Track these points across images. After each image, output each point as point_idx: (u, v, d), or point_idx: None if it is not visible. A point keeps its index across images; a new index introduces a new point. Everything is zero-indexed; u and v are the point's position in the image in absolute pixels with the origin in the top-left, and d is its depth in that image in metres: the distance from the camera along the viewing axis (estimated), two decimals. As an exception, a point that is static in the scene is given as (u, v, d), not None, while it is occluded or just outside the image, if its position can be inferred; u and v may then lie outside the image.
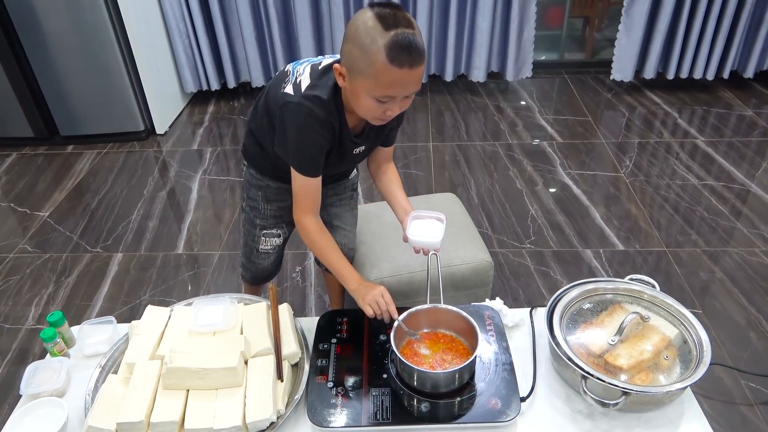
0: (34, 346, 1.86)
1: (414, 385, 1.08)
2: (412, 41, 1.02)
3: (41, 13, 2.71)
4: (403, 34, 1.01)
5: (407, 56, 1.02)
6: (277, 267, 1.66)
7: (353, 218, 1.59)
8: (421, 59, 1.05)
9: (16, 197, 2.67)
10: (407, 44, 1.01)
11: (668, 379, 1.04)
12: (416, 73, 1.06)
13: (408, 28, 1.02)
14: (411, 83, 1.07)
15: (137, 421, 1.02)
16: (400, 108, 1.13)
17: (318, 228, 1.27)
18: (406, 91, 1.09)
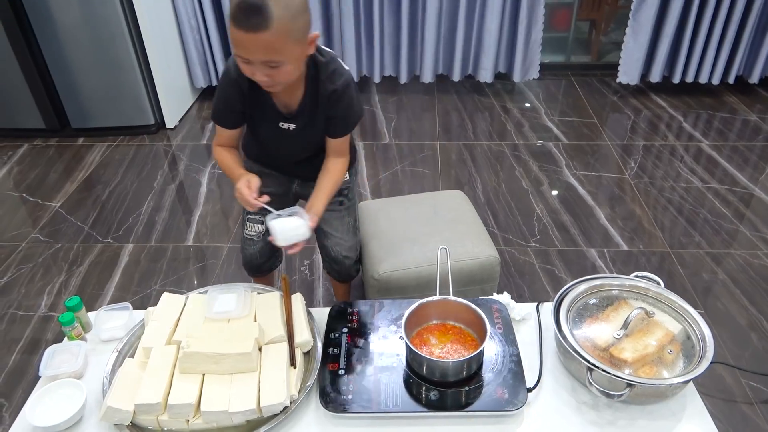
0: (47, 333, 1.90)
1: (423, 374, 1.11)
2: (252, 5, 1.02)
3: (55, 7, 2.75)
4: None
5: (244, 18, 1.04)
6: (268, 259, 1.66)
7: (345, 225, 1.57)
8: (259, 25, 1.04)
9: (27, 187, 2.71)
10: (246, 6, 1.03)
11: (671, 373, 1.07)
12: (256, 38, 1.05)
13: None
14: (253, 48, 1.08)
15: (155, 402, 1.05)
16: (267, 77, 1.13)
17: (219, 150, 1.40)
18: (250, 55, 1.09)
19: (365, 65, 3.52)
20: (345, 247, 1.57)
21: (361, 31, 3.37)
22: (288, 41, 1.09)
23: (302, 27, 1.12)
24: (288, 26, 1.07)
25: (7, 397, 1.68)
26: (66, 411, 1.08)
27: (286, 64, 1.13)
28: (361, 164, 2.83)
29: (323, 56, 1.27)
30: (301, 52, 1.16)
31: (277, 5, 1.04)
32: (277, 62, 1.12)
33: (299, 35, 1.12)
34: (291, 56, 1.13)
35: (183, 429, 1.07)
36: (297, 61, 1.16)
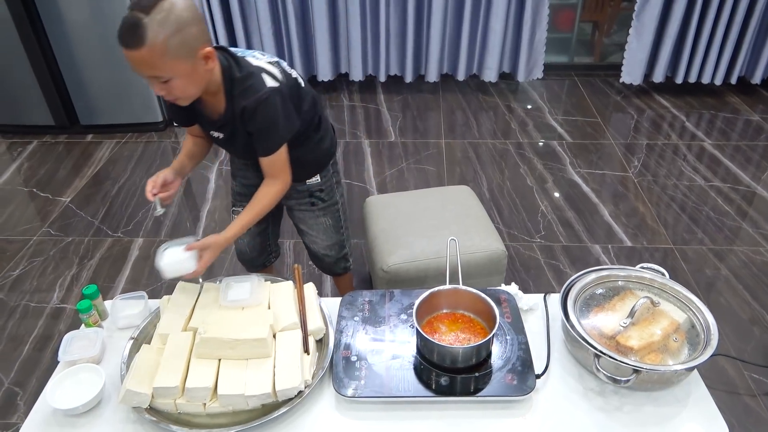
0: (59, 324, 1.93)
1: (434, 360, 1.13)
2: (129, 24, 1.05)
3: (66, 6, 2.78)
4: (129, 15, 1.06)
5: (122, 37, 1.07)
6: (260, 254, 1.69)
7: (320, 225, 1.58)
8: (135, 43, 1.05)
9: (38, 183, 2.74)
10: (123, 25, 1.06)
11: (676, 361, 1.10)
12: (134, 55, 1.07)
13: (141, 12, 1.05)
14: (135, 65, 1.10)
15: (173, 386, 1.07)
16: (162, 91, 1.16)
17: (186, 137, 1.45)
18: (137, 71, 1.11)
19: (371, 64, 3.56)
20: (322, 246, 1.61)
21: (368, 31, 3.40)
22: (166, 58, 1.09)
23: (183, 43, 1.10)
24: (164, 43, 1.07)
25: (21, 386, 1.71)
26: (85, 394, 1.10)
27: (175, 80, 1.13)
28: (367, 161, 2.86)
29: (240, 71, 1.24)
30: (189, 67, 1.14)
31: (153, 22, 1.05)
32: (162, 78, 1.12)
33: (180, 52, 1.10)
34: (176, 72, 1.13)
35: (199, 412, 1.10)
36: (188, 76, 1.15)
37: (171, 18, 1.07)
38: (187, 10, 1.11)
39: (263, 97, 1.24)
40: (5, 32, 2.84)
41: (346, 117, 3.32)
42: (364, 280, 2.09)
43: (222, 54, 1.25)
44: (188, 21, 1.10)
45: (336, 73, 3.61)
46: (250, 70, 1.25)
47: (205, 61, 1.16)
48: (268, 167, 1.35)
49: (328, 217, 1.59)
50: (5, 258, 2.24)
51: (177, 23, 1.08)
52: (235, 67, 1.24)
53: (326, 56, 3.47)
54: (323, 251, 1.62)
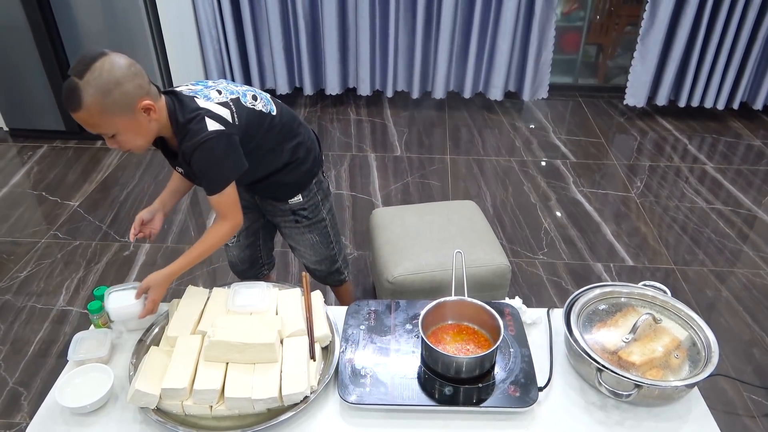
0: (65, 326, 1.94)
1: (439, 370, 1.15)
2: (67, 89, 1.12)
3: (83, 14, 2.85)
4: (68, 80, 1.12)
5: (64, 100, 1.14)
6: (251, 266, 1.73)
7: (306, 241, 1.62)
8: (73, 106, 1.12)
9: (47, 187, 2.77)
10: (64, 89, 1.13)
11: (677, 377, 1.11)
12: (76, 116, 1.15)
13: (76, 77, 1.11)
14: (80, 122, 1.17)
15: (181, 387, 1.09)
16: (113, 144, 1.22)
17: None
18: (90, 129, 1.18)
19: (379, 80, 3.61)
20: (311, 261, 1.66)
21: (376, 47, 3.46)
22: (104, 116, 1.15)
23: (118, 101, 1.15)
24: (100, 104, 1.13)
25: (26, 386, 1.72)
26: (93, 394, 1.12)
27: (119, 135, 1.20)
28: (373, 175, 2.89)
29: (184, 115, 1.26)
30: (130, 121, 1.18)
31: (86, 86, 1.11)
32: (107, 134, 1.19)
33: (117, 109, 1.15)
34: (118, 128, 1.18)
35: (206, 415, 1.11)
36: (132, 130, 1.20)
37: (103, 79, 1.12)
38: (120, 68, 1.15)
39: (201, 141, 1.24)
40: (21, 39, 2.90)
41: (353, 131, 3.37)
42: (369, 291, 2.11)
43: (170, 98, 1.28)
44: (121, 79, 1.14)
45: (344, 87, 3.67)
46: (192, 115, 1.26)
47: (146, 113, 1.20)
48: (216, 206, 1.35)
49: (314, 233, 1.60)
50: (13, 260, 2.27)
51: (109, 83, 1.13)
52: (180, 112, 1.26)
53: (335, 71, 3.52)
54: (313, 266, 1.68)
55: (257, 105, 1.38)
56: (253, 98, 1.38)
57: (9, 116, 3.21)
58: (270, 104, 1.42)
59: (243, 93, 1.37)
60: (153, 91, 1.23)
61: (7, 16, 2.85)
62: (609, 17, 4.10)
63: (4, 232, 2.44)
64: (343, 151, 3.13)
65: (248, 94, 1.38)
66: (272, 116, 1.40)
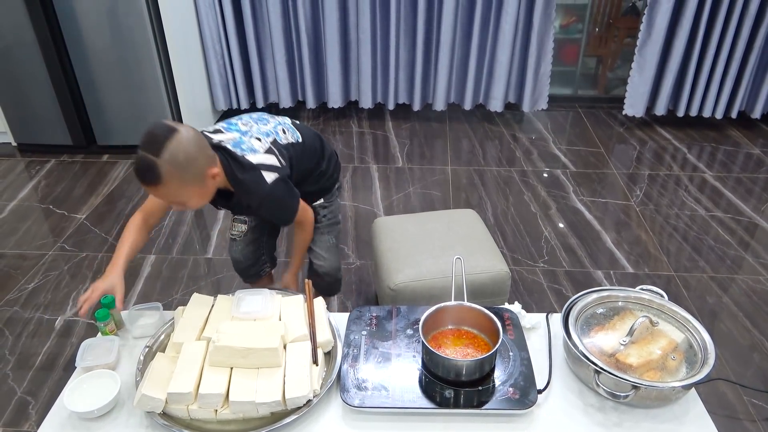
0: (72, 336, 1.97)
1: (439, 374, 1.17)
2: (144, 166, 1.17)
3: (90, 30, 2.91)
4: (139, 157, 1.18)
5: (139, 176, 1.20)
6: (254, 263, 1.78)
7: (324, 243, 1.70)
8: (152, 182, 1.19)
9: (54, 200, 2.82)
10: (139, 167, 1.19)
11: (674, 379, 1.13)
12: (153, 191, 1.23)
13: (150, 154, 1.16)
14: (157, 194, 1.25)
15: (186, 392, 1.11)
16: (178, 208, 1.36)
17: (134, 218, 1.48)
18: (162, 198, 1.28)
19: (380, 92, 3.66)
20: (325, 264, 1.70)
21: (378, 61, 3.52)
22: (182, 188, 1.24)
23: (195, 172, 1.24)
24: (179, 177, 1.21)
25: (33, 395, 1.74)
26: (101, 399, 1.14)
27: (190, 201, 1.29)
28: (375, 186, 2.93)
29: (242, 172, 1.37)
30: (200, 189, 1.29)
31: (165, 163, 1.17)
32: (179, 202, 1.28)
33: (193, 180, 1.25)
34: (191, 196, 1.28)
35: (211, 419, 1.13)
36: (199, 195, 1.31)
37: (180, 156, 1.19)
38: (193, 143, 1.22)
39: (265, 194, 1.39)
40: (31, 55, 2.97)
41: (355, 143, 3.41)
42: (371, 299, 2.13)
43: (223, 156, 1.36)
44: (194, 154, 1.23)
45: (346, 100, 3.72)
46: (249, 174, 1.38)
47: (213, 178, 1.30)
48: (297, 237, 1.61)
49: (332, 235, 1.70)
50: (21, 272, 2.30)
51: (185, 160, 1.20)
52: (237, 170, 1.37)
53: (337, 84, 3.58)
54: (325, 269, 1.71)
55: (288, 138, 1.52)
56: (283, 132, 1.51)
57: (17, 131, 3.27)
58: (295, 132, 1.55)
59: (274, 131, 1.49)
60: (214, 156, 1.33)
61: (16, 33, 2.92)
62: (608, 29, 4.15)
63: (13, 244, 2.48)
64: (346, 162, 3.17)
65: (278, 130, 1.50)
66: (301, 143, 1.53)
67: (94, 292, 1.30)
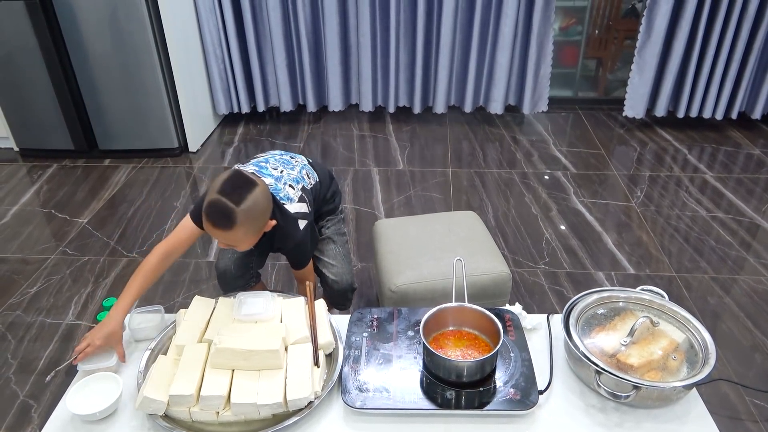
0: (74, 340, 1.97)
1: (440, 375, 1.17)
2: (221, 211, 1.26)
3: (92, 35, 2.93)
4: (222, 202, 1.25)
5: (213, 217, 1.27)
6: (243, 274, 1.72)
7: (331, 251, 1.72)
8: (225, 227, 1.27)
9: (56, 204, 2.82)
10: (217, 209, 1.26)
11: (675, 379, 1.13)
12: (219, 232, 1.29)
13: (232, 202, 1.25)
14: (220, 236, 1.31)
15: (188, 394, 1.12)
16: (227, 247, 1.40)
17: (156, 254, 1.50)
18: (219, 239, 1.34)
19: (381, 96, 3.67)
20: (335, 271, 1.69)
21: (378, 64, 3.53)
22: (246, 235, 1.34)
23: (261, 224, 1.36)
24: (248, 228, 1.32)
25: (36, 399, 1.75)
26: (103, 402, 1.15)
27: (242, 245, 1.39)
28: (376, 188, 2.93)
29: (284, 221, 1.47)
30: (256, 237, 1.39)
31: (242, 213, 1.26)
32: (233, 245, 1.37)
33: (256, 230, 1.36)
34: (247, 242, 1.38)
35: (212, 421, 1.14)
36: (252, 242, 1.40)
37: (255, 210, 1.31)
38: (266, 198, 1.35)
39: (298, 240, 1.53)
40: (32, 60, 2.98)
41: (356, 146, 3.42)
42: (373, 301, 2.13)
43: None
44: (265, 210, 1.35)
45: (347, 103, 3.73)
46: (290, 222, 1.50)
47: (268, 228, 1.41)
48: (300, 274, 1.68)
49: (338, 245, 1.74)
50: (23, 276, 2.31)
51: (258, 212, 1.33)
52: (280, 217, 1.46)
53: (338, 87, 3.59)
54: (335, 276, 1.69)
55: (311, 182, 1.63)
56: (307, 176, 1.62)
57: (19, 136, 3.29)
58: (312, 172, 1.66)
59: (301, 177, 1.60)
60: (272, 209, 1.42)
61: (18, 39, 2.93)
62: (607, 31, 4.16)
63: (15, 249, 2.49)
64: (346, 165, 3.17)
65: (304, 175, 1.61)
66: (318, 182, 1.66)
67: (90, 347, 1.25)
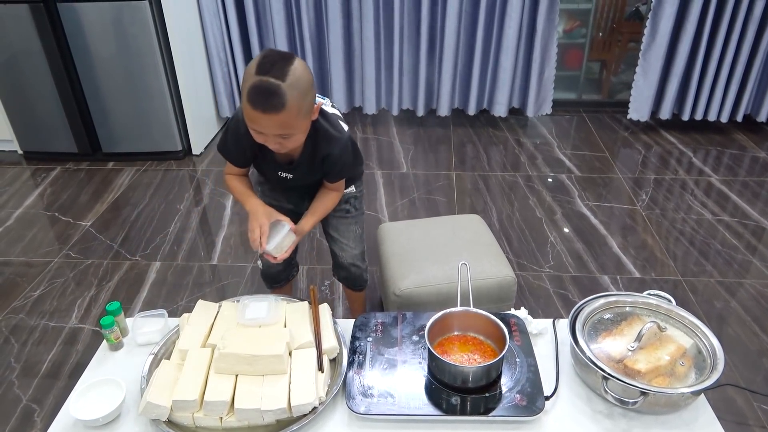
0: (77, 344, 1.97)
1: (445, 380, 1.16)
2: (268, 89, 1.12)
3: (96, 39, 2.93)
4: (265, 81, 1.12)
5: (261, 100, 1.13)
6: (285, 268, 1.76)
7: (351, 232, 1.67)
8: (275, 107, 1.14)
9: (60, 207, 2.83)
10: (262, 90, 1.13)
11: (683, 384, 1.12)
12: (272, 118, 1.16)
13: (276, 78, 1.12)
14: (269, 125, 1.18)
15: (192, 399, 1.11)
16: (280, 146, 1.26)
17: (231, 178, 1.50)
18: (265, 130, 1.20)
19: (384, 98, 3.67)
20: (351, 254, 1.67)
21: (381, 66, 3.52)
22: (299, 118, 1.20)
23: (311, 103, 1.23)
24: (299, 106, 1.17)
25: (39, 403, 1.74)
26: (106, 407, 1.14)
27: (296, 135, 1.25)
28: (380, 192, 2.92)
29: (324, 120, 1.37)
30: (307, 123, 1.27)
31: (291, 88, 1.14)
32: (288, 134, 1.23)
33: (308, 110, 1.23)
34: (300, 128, 1.25)
35: (216, 426, 1.13)
36: (305, 131, 1.28)
37: (302, 82, 1.16)
38: (308, 72, 1.21)
39: (345, 142, 1.40)
40: (36, 64, 2.99)
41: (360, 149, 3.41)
42: (377, 305, 2.12)
43: None
44: (311, 82, 1.21)
45: (350, 106, 3.73)
46: (331, 118, 1.38)
47: (315, 115, 1.29)
48: (336, 186, 1.53)
49: (358, 225, 1.69)
50: (26, 279, 2.31)
51: (306, 85, 1.18)
52: (320, 117, 1.35)
53: (341, 90, 3.59)
54: (350, 260, 1.68)
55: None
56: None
57: (23, 139, 3.29)
58: None
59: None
60: None
61: (22, 42, 2.94)
62: (611, 34, 4.15)
63: (18, 252, 2.49)
64: (350, 168, 3.16)
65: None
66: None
67: (263, 226, 1.34)
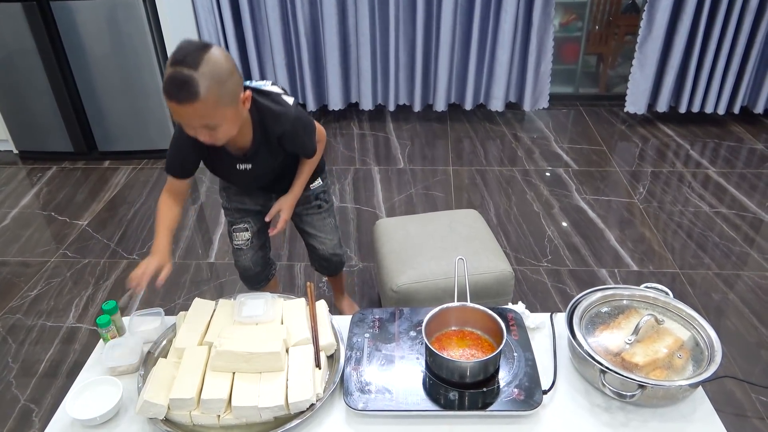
0: (75, 343, 1.97)
1: (443, 375, 1.16)
2: (180, 79, 1.10)
3: (90, 39, 2.92)
4: (178, 71, 1.10)
5: (175, 92, 1.12)
6: (263, 268, 1.74)
7: (327, 225, 1.69)
8: (189, 98, 1.11)
9: (56, 207, 2.82)
10: (175, 81, 1.11)
11: (681, 377, 1.11)
12: (188, 108, 1.13)
13: (188, 68, 1.10)
14: (187, 116, 1.16)
15: (189, 398, 1.11)
16: (210, 138, 1.23)
17: (163, 198, 1.45)
18: (187, 122, 1.19)
19: (381, 94, 3.66)
20: (330, 246, 1.70)
21: (377, 62, 3.51)
22: (218, 107, 1.17)
23: (231, 91, 1.18)
24: (216, 94, 1.14)
25: (36, 403, 1.74)
26: (103, 406, 1.14)
27: (223, 126, 1.22)
28: (377, 187, 2.92)
29: (266, 100, 1.34)
30: (234, 112, 1.22)
31: (204, 77, 1.11)
32: (213, 125, 1.20)
33: (229, 99, 1.19)
34: (225, 118, 1.21)
35: (213, 424, 1.12)
36: (232, 120, 1.24)
37: (217, 70, 1.13)
38: (227, 60, 1.17)
39: (293, 115, 1.37)
40: (31, 64, 2.98)
41: (356, 145, 3.40)
42: (375, 302, 2.12)
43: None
44: (230, 70, 1.17)
45: (347, 102, 3.72)
46: (272, 97, 1.36)
47: (244, 103, 1.25)
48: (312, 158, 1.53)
49: (332, 217, 1.72)
50: (23, 279, 2.30)
51: (223, 74, 1.15)
52: (259, 96, 1.33)
53: (337, 86, 3.57)
54: (331, 251, 1.71)
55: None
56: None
57: (18, 139, 3.28)
58: None
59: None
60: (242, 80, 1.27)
61: (17, 41, 2.92)
62: (607, 27, 4.14)
63: (15, 252, 2.48)
64: (347, 164, 3.16)
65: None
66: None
67: (148, 268, 1.30)
